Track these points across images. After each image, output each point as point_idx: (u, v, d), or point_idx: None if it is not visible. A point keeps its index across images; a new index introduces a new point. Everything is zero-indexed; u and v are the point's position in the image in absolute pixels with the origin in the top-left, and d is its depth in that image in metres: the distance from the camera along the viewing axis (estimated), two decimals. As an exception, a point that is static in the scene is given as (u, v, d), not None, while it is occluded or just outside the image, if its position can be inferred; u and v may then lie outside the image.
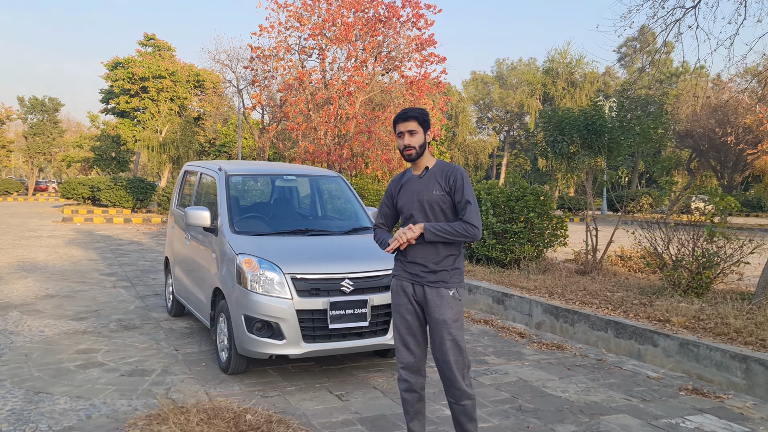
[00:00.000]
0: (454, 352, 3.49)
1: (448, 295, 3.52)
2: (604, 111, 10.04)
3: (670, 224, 8.36)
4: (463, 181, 3.54)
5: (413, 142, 3.58)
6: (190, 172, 7.59)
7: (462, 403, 3.51)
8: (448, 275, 3.54)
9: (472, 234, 3.48)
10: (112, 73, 38.23)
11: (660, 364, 5.93)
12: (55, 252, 13.83)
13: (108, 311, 7.89)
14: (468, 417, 3.54)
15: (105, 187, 27.49)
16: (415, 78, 19.82)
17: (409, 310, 3.63)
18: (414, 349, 3.66)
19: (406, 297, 3.63)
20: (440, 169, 3.62)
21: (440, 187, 3.56)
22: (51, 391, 4.90)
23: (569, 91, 48.76)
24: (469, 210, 3.50)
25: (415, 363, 3.67)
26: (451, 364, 3.50)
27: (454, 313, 3.51)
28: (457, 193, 3.53)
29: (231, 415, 4.28)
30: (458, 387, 3.50)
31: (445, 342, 3.49)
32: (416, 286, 3.60)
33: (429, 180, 3.61)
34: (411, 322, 3.64)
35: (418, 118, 3.58)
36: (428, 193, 3.57)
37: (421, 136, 3.59)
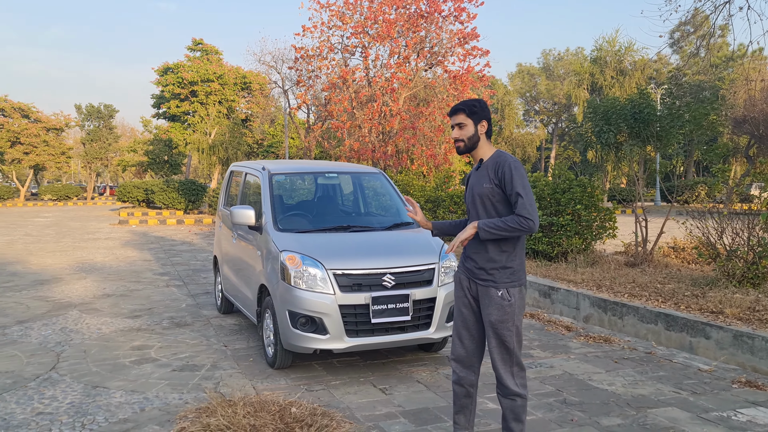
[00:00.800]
0: (499, 351, 3.47)
1: (496, 296, 3.43)
2: (652, 99, 9.79)
3: (723, 213, 8.11)
4: (512, 173, 3.39)
5: (462, 135, 3.54)
6: (236, 173, 7.77)
7: (509, 397, 3.50)
8: (498, 274, 3.45)
9: (527, 227, 3.34)
10: (162, 79, 39.32)
11: (712, 357, 5.77)
12: (112, 253, 14.34)
13: (161, 309, 8.16)
14: (513, 415, 3.51)
15: (158, 190, 28.31)
16: (459, 72, 19.71)
17: (465, 303, 3.61)
18: (467, 343, 3.62)
19: (463, 290, 3.62)
20: (493, 161, 3.53)
21: (489, 179, 3.47)
22: (107, 386, 5.10)
23: (618, 80, 47.53)
24: (521, 202, 3.36)
25: (466, 357, 3.63)
26: (497, 362, 3.49)
27: (501, 314, 3.42)
28: (507, 186, 3.40)
29: (277, 408, 4.38)
30: (506, 384, 3.49)
31: (491, 341, 3.48)
32: (471, 282, 3.57)
33: (482, 173, 3.54)
34: (467, 316, 3.61)
35: (465, 110, 3.51)
36: (480, 186, 3.52)
37: (470, 128, 3.52)
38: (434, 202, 13.50)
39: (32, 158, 45.68)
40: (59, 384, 5.14)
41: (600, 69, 48.42)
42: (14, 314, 7.77)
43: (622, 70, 48.04)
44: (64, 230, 20.86)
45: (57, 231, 20.51)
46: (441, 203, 13.31)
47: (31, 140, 45.31)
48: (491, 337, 3.47)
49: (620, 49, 47.92)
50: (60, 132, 49.27)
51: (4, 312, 7.90)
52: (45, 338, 6.62)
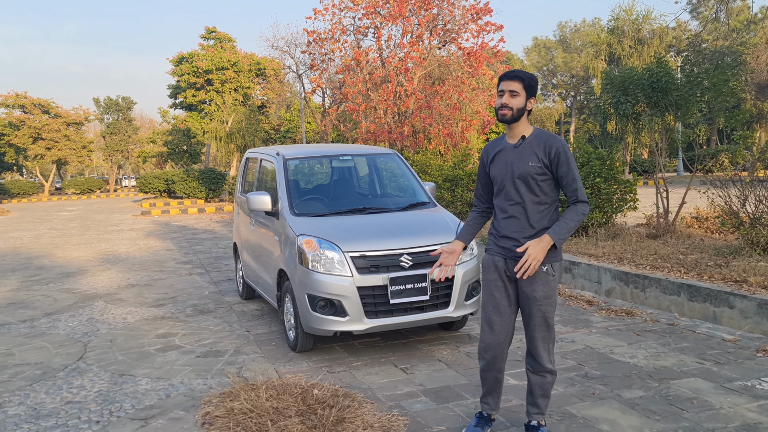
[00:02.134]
0: (542, 329, 3.43)
1: (541, 271, 3.36)
2: (670, 67, 9.59)
3: (746, 181, 7.96)
4: (567, 155, 3.31)
5: (512, 103, 3.33)
6: (251, 159, 7.80)
7: (541, 373, 3.49)
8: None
9: (586, 212, 3.32)
10: (177, 69, 39.45)
11: (737, 326, 5.70)
12: (135, 244, 14.54)
13: (184, 297, 8.27)
14: (543, 391, 3.52)
15: (179, 180, 28.56)
16: (473, 49, 19.47)
17: (498, 286, 3.51)
18: (498, 329, 3.52)
19: (497, 272, 3.50)
20: (538, 139, 3.38)
21: (537, 158, 3.33)
22: (134, 373, 5.20)
23: (636, 50, 46.61)
24: (577, 187, 3.31)
25: (497, 344, 3.54)
26: (537, 341, 3.45)
27: (546, 290, 3.37)
28: (561, 167, 3.31)
29: (299, 390, 4.43)
30: (540, 362, 3.47)
31: (534, 318, 3.42)
32: (509, 261, 3.46)
33: (525, 150, 3.38)
34: (499, 300, 3.51)
35: (524, 81, 3.34)
36: (524, 164, 3.35)
37: (522, 99, 3.34)
38: (452, 181, 13.43)
39: (54, 153, 46.31)
40: (87, 373, 5.25)
41: (618, 39, 47.52)
42: (42, 307, 7.94)
43: (641, 39, 47.11)
44: (88, 223, 21.18)
45: (81, 224, 20.84)
46: (459, 182, 13.24)
47: (52, 135, 45.90)
48: (535, 315, 3.41)
49: (638, 17, 46.94)
50: (80, 126, 49.80)
51: (33, 305, 8.07)
52: (72, 329, 6.76)
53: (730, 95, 9.50)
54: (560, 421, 3.89)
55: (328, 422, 3.90)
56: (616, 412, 3.99)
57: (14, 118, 45.74)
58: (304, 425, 3.88)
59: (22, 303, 8.23)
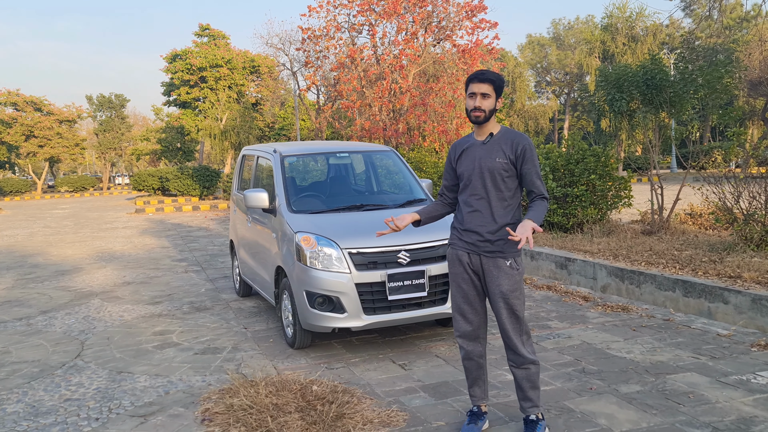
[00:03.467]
0: (511, 321, 3.51)
1: (505, 266, 3.48)
2: (664, 64, 9.63)
3: (739, 177, 8.02)
4: (532, 153, 3.47)
5: (484, 105, 3.46)
6: (248, 157, 7.80)
7: (524, 366, 3.55)
8: (505, 244, 3.48)
9: (548, 208, 3.46)
10: (171, 66, 39.28)
11: (731, 321, 5.75)
12: (130, 242, 14.51)
13: (181, 295, 8.26)
14: (531, 383, 3.57)
15: (173, 177, 28.52)
16: (467, 46, 19.49)
17: (465, 279, 3.62)
18: (471, 317, 3.66)
19: (462, 266, 3.61)
20: (505, 137, 3.52)
21: (504, 154, 3.47)
22: (132, 371, 5.21)
23: (630, 47, 46.74)
24: (540, 183, 3.48)
25: (472, 332, 3.68)
26: (510, 332, 3.53)
27: (512, 284, 3.48)
28: (526, 164, 3.46)
29: (298, 386, 4.45)
30: (518, 353, 3.54)
31: (503, 312, 3.50)
32: (472, 255, 3.57)
33: (492, 147, 3.52)
34: (468, 291, 3.63)
35: (494, 83, 3.46)
36: (491, 160, 3.49)
37: (492, 101, 3.48)
38: (447, 178, 13.46)
39: (47, 151, 46.09)
40: (85, 371, 5.25)
41: (611, 36, 47.64)
42: (38, 305, 7.92)
43: (634, 37, 47.25)
44: (82, 221, 21.11)
45: (75, 222, 20.77)
46: (454, 179, 13.27)
47: (44, 133, 45.67)
48: (502, 309, 3.49)
49: (631, 14, 47.07)
50: (73, 124, 49.56)
51: (28, 303, 8.05)
52: (69, 327, 6.75)
53: (723, 92, 9.55)
54: (558, 415, 3.93)
55: (327, 418, 3.91)
56: (613, 407, 4.02)
57: (6, 115, 45.50)
58: (303, 421, 3.90)
59: (17, 301, 8.21)
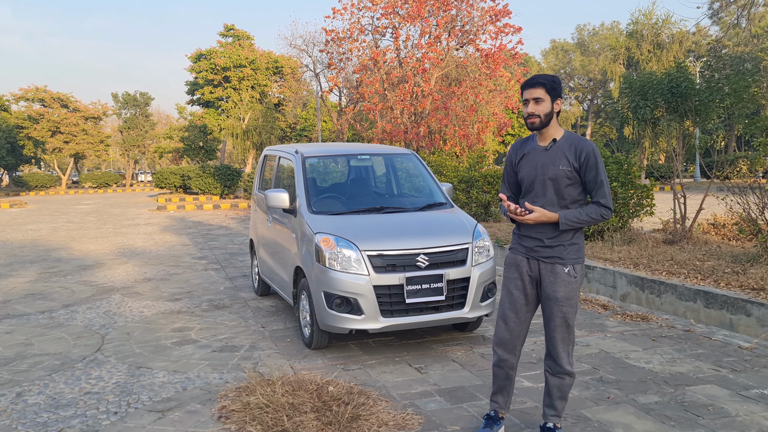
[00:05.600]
0: (562, 330, 3.46)
1: (563, 272, 3.42)
2: (690, 72, 9.53)
3: (765, 188, 7.90)
4: (596, 159, 3.35)
5: (538, 110, 3.37)
6: (270, 157, 7.85)
7: (559, 375, 3.52)
8: (564, 251, 3.43)
9: (606, 216, 3.37)
10: (195, 65, 39.65)
11: (753, 334, 5.67)
12: (152, 238, 14.67)
13: (200, 292, 8.34)
14: (560, 393, 3.54)
15: (195, 176, 28.78)
16: (491, 50, 19.47)
17: (517, 285, 3.56)
18: (513, 326, 3.58)
19: (518, 272, 3.56)
20: (569, 143, 3.41)
21: (568, 162, 3.37)
22: (150, 366, 5.27)
23: (655, 54, 46.25)
24: (603, 191, 3.36)
25: (510, 341, 3.60)
26: (557, 341, 3.48)
27: (567, 291, 3.41)
28: (590, 171, 3.36)
29: (314, 386, 4.47)
30: (560, 363, 3.50)
31: (555, 319, 3.45)
32: (531, 261, 3.51)
33: (556, 153, 3.41)
34: (516, 298, 3.56)
35: (545, 86, 3.36)
36: (554, 167, 3.39)
37: (547, 104, 3.37)
38: (468, 183, 13.43)
39: (72, 147, 46.82)
40: (105, 365, 5.32)
41: (636, 43, 47.17)
42: (60, 298, 8.04)
43: (660, 44, 46.73)
44: (104, 217, 21.39)
45: (98, 218, 21.05)
46: (474, 183, 13.25)
47: (70, 129, 46.42)
48: (555, 316, 3.44)
49: (657, 21, 46.57)
50: (98, 120, 50.30)
51: (51, 296, 8.18)
52: (90, 321, 6.84)
53: (750, 102, 9.42)
54: (575, 424, 3.90)
55: (343, 419, 3.93)
56: (630, 417, 3.98)
57: (33, 111, 46.33)
58: (319, 421, 3.91)
59: (40, 294, 8.34)
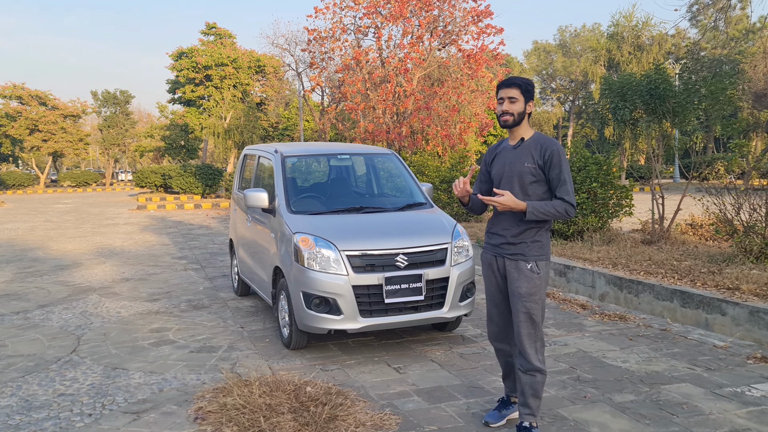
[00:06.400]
0: (527, 326, 3.57)
1: (526, 268, 3.55)
2: (668, 74, 9.62)
3: (740, 189, 8.01)
4: (560, 157, 3.50)
5: (512, 109, 3.54)
6: (249, 156, 7.81)
7: (530, 372, 3.60)
8: (527, 248, 3.56)
9: (570, 213, 3.50)
10: (177, 63, 39.35)
11: (728, 333, 5.74)
12: (131, 238, 14.52)
13: (179, 292, 8.27)
14: (533, 391, 3.61)
15: (176, 175, 28.53)
16: (473, 51, 19.52)
17: (492, 282, 3.76)
18: (497, 320, 3.82)
19: (491, 269, 3.76)
20: (536, 142, 3.58)
21: (533, 159, 3.53)
22: (127, 367, 5.21)
23: (635, 56, 46.69)
24: (566, 188, 3.51)
25: (498, 333, 3.85)
26: (523, 337, 3.58)
27: (530, 287, 3.54)
28: (554, 169, 3.50)
29: (292, 387, 4.45)
30: (528, 360, 3.58)
31: (519, 314, 3.57)
32: (498, 259, 3.69)
33: (522, 151, 3.58)
34: (494, 294, 3.78)
35: (521, 87, 3.54)
36: (520, 164, 3.56)
37: (521, 104, 3.55)
38: (450, 183, 13.46)
39: (51, 145, 46.20)
40: (80, 366, 5.25)
41: (617, 45, 47.61)
42: (36, 299, 7.93)
43: (640, 46, 47.21)
44: (83, 216, 21.13)
45: (76, 217, 20.79)
46: (456, 183, 13.27)
47: (49, 127, 45.79)
48: (519, 311, 3.57)
49: (637, 24, 47.03)
50: (77, 119, 49.69)
51: (26, 297, 8.06)
52: (66, 322, 6.75)
53: (727, 104, 9.54)
54: (551, 423, 3.92)
55: (320, 419, 3.91)
56: (606, 416, 4.01)
57: (11, 109, 45.63)
58: (296, 422, 3.89)
59: (15, 294, 8.22)
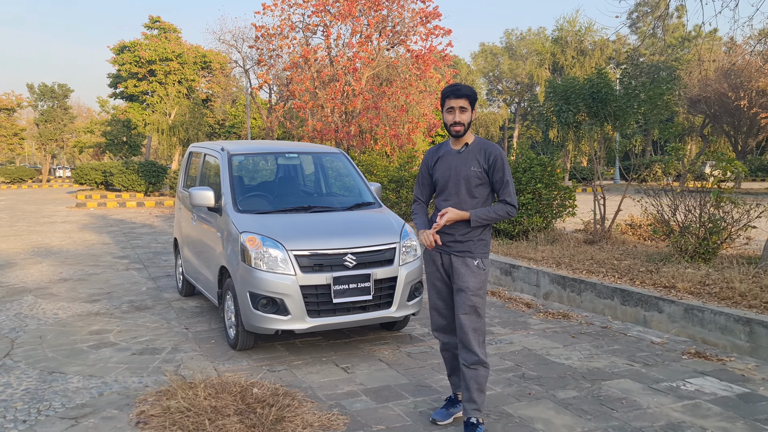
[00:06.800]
0: (472, 318, 3.70)
1: (473, 265, 3.71)
2: (610, 79, 9.93)
3: (677, 191, 8.32)
4: (503, 161, 3.68)
5: (463, 119, 3.68)
6: (195, 154, 7.65)
7: (473, 366, 3.69)
8: (474, 245, 3.72)
9: (512, 213, 3.69)
10: (119, 57, 38.24)
11: (665, 330, 5.96)
12: (69, 237, 14.02)
13: (120, 293, 8.03)
14: (477, 385, 3.71)
15: (117, 172, 27.68)
16: (421, 52, 19.66)
17: (438, 277, 3.89)
18: (445, 313, 3.94)
19: (435, 265, 3.87)
20: (480, 147, 3.74)
21: (478, 163, 3.69)
22: (64, 371, 5.02)
23: (579, 60, 48.05)
24: (508, 190, 3.69)
25: (446, 325, 3.96)
26: (467, 328, 3.70)
27: (477, 282, 3.70)
28: (497, 172, 3.68)
29: (238, 388, 4.38)
30: (472, 351, 3.70)
31: (465, 307, 3.69)
32: (443, 256, 3.81)
33: (467, 156, 3.73)
34: (441, 289, 3.90)
35: (470, 97, 3.67)
36: (466, 168, 3.70)
37: (469, 114, 3.70)
38: (398, 182, 13.51)
39: (-17, 140, 44.17)
40: (14, 371, 5.03)
41: (561, 49, 48.87)
42: (-34, 300, 7.56)
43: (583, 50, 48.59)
44: (18, 214, 20.28)
45: (11, 215, 19.93)
46: (405, 183, 13.34)
47: (-20, 121, 43.77)
48: (465, 305, 3.69)
49: (580, 29, 48.42)
50: (11, 112, 47.63)
51: (-44, 298, 7.68)
52: (-1, 324, 6.47)
53: (664, 108, 9.91)
54: (497, 420, 3.98)
55: (267, 421, 3.86)
56: (550, 412, 4.11)
57: (-60, 101, 43.40)
58: (242, 424, 3.84)
59: (-56, 296, 7.82)
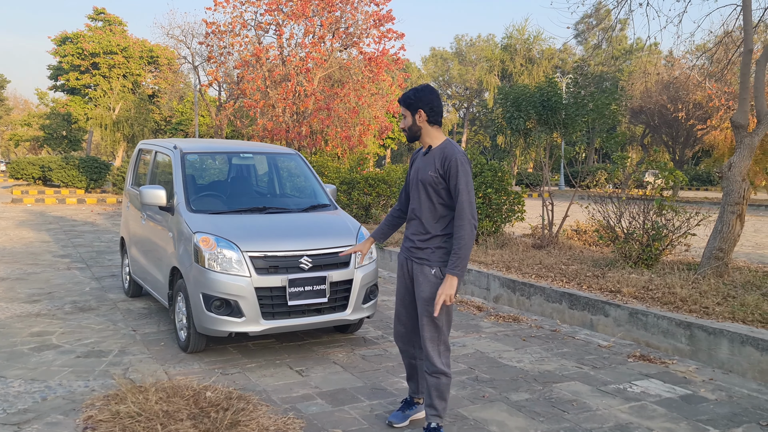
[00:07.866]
0: (430, 329, 3.64)
1: (430, 273, 3.62)
2: (559, 88, 10.18)
3: (622, 198, 8.59)
4: (457, 168, 3.48)
5: (404, 125, 3.71)
6: (145, 151, 7.46)
7: (435, 375, 3.66)
8: (432, 254, 3.63)
9: (473, 226, 3.45)
10: (60, 49, 36.91)
11: (611, 333, 6.15)
12: (5, 234, 13.44)
13: (62, 293, 7.75)
14: (438, 392, 3.68)
15: (56, 167, 26.71)
16: (374, 54, 19.69)
17: (403, 283, 3.86)
18: (405, 320, 3.89)
19: (402, 271, 3.86)
20: (441, 151, 3.60)
21: (435, 168, 3.58)
22: (4, 375, 4.81)
23: (527, 68, 49.12)
24: (461, 199, 3.45)
25: (405, 334, 3.91)
26: (426, 340, 3.65)
27: (433, 292, 3.59)
28: (452, 179, 3.51)
29: (191, 392, 4.29)
30: (432, 362, 3.65)
31: (423, 318, 3.64)
32: (408, 261, 3.79)
33: (429, 159, 3.65)
34: (404, 296, 3.86)
35: (402, 102, 3.68)
36: (424, 172, 3.64)
37: (409, 118, 3.66)
38: (349, 184, 13.50)
39: None
40: (-50, 374, 4.79)
41: (510, 56, 49.82)
42: None
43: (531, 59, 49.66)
44: (-51, 209, 19.32)
45: (-59, 210, 18.98)
46: (356, 185, 13.33)
47: None
48: (422, 315, 3.64)
49: (529, 37, 49.49)
50: (-57, 103, 45.39)
51: None
52: (-69, 325, 6.14)
53: (610, 118, 10.23)
54: (453, 423, 4.02)
55: (221, 426, 3.80)
56: (504, 414, 4.18)
57: None
58: (196, 429, 3.76)
59: None
